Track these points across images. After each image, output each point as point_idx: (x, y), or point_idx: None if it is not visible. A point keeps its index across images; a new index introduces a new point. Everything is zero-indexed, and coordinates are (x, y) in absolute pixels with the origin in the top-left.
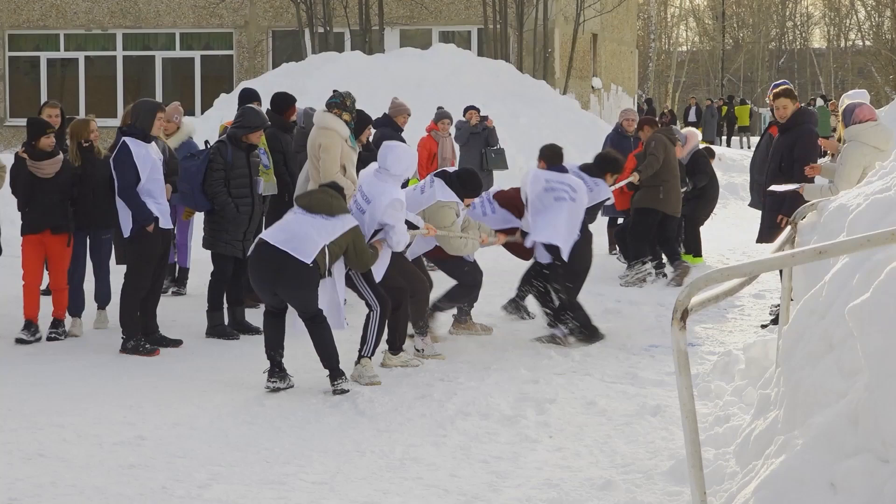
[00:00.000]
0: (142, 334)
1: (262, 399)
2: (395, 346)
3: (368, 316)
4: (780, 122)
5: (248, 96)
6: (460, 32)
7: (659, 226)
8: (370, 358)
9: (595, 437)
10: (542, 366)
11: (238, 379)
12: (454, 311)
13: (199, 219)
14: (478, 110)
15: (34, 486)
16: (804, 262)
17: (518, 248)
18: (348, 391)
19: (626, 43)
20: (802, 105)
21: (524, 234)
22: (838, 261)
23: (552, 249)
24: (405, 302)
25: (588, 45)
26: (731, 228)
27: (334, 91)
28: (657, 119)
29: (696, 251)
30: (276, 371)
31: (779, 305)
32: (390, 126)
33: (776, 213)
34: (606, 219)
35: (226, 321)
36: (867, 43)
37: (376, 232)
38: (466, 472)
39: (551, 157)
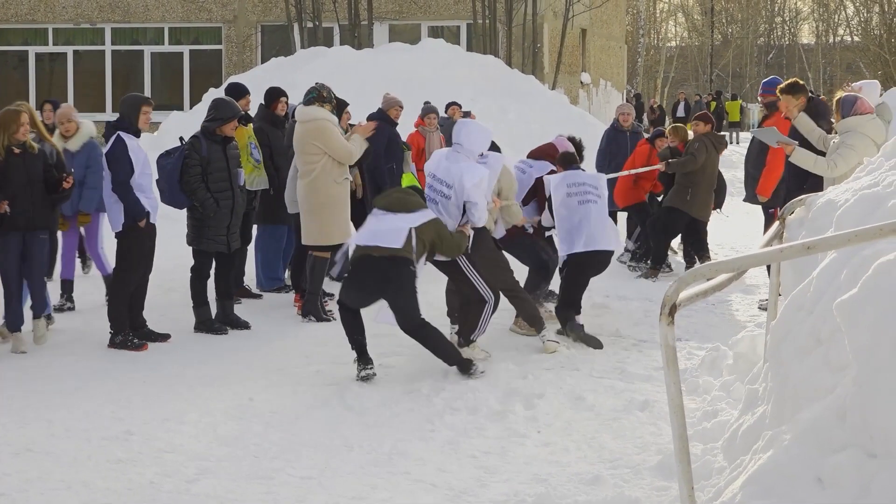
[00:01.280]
0: (130, 329)
1: (251, 394)
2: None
3: (483, 306)
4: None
5: (236, 91)
6: (449, 27)
7: (687, 228)
8: (476, 342)
9: (583, 432)
10: (531, 361)
11: (226, 374)
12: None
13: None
14: (459, 106)
15: (22, 480)
16: (792, 258)
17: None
18: (484, 372)
19: (615, 38)
20: (812, 96)
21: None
22: (826, 256)
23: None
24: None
25: (577, 41)
26: (720, 224)
27: (309, 89)
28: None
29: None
30: (366, 358)
31: (767, 300)
32: (385, 120)
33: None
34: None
35: (213, 315)
36: (856, 38)
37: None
38: (454, 466)
39: (566, 160)
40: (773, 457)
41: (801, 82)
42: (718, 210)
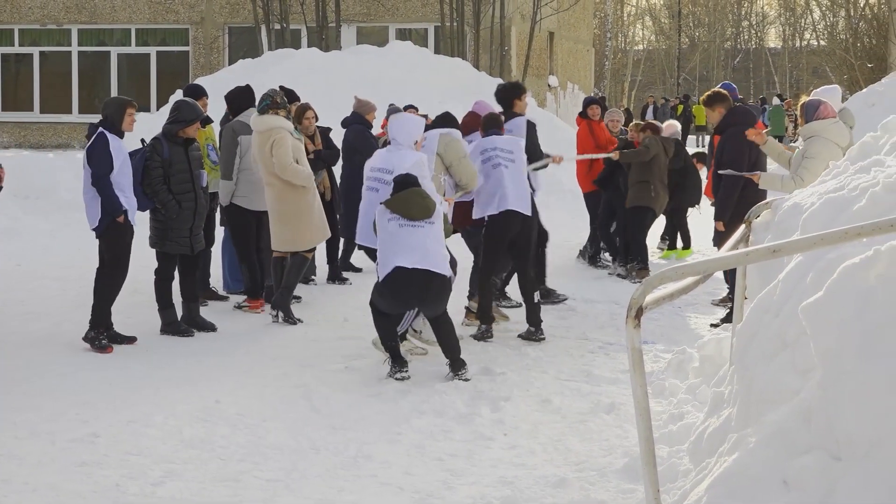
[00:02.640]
0: (105, 330)
1: (217, 396)
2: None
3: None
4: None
5: (194, 92)
6: (417, 30)
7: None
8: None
9: (549, 435)
10: (497, 363)
11: (193, 376)
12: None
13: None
14: (416, 109)
15: None
16: (758, 261)
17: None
18: (469, 380)
19: (582, 41)
20: (736, 105)
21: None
22: (792, 259)
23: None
24: None
25: (545, 44)
26: (697, 222)
27: (262, 96)
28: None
29: (686, 243)
30: (401, 361)
31: (726, 297)
32: (362, 123)
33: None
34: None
35: (179, 317)
36: (822, 43)
37: None
38: (421, 469)
39: (487, 124)
40: (738, 459)
41: (723, 92)
42: (696, 207)
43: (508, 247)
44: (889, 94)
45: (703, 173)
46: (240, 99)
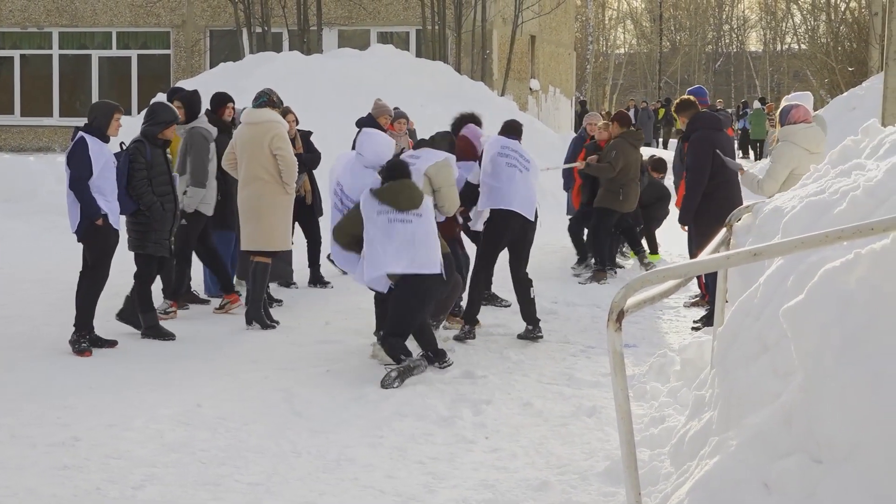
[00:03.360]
0: (87, 333)
1: (198, 400)
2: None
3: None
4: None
5: (220, 100)
6: (398, 33)
7: (617, 224)
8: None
9: (531, 438)
10: (479, 366)
11: (174, 379)
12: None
13: None
14: (407, 118)
15: None
16: (739, 264)
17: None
18: (452, 364)
19: (563, 45)
20: (703, 110)
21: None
22: (773, 263)
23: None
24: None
25: (526, 47)
26: (667, 230)
27: (258, 93)
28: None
29: (653, 248)
30: (441, 353)
31: (696, 296)
32: (374, 126)
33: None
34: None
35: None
36: (802, 46)
37: None
38: (402, 472)
39: (508, 130)
40: (719, 462)
41: (689, 99)
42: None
43: (509, 248)
44: (870, 98)
45: (669, 181)
46: (194, 103)
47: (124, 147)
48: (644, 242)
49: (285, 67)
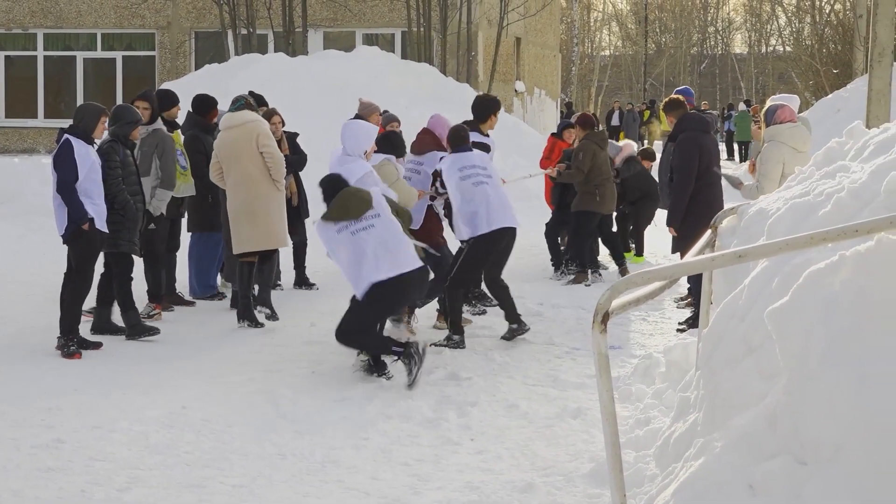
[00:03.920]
0: (73, 336)
1: (183, 402)
2: None
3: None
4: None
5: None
6: (384, 35)
7: (598, 227)
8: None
9: (516, 440)
10: (464, 368)
11: (159, 382)
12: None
13: None
14: (398, 122)
15: None
16: (724, 266)
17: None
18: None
19: (549, 47)
20: (692, 111)
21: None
22: (758, 264)
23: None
24: None
25: (511, 49)
26: (654, 231)
27: (235, 98)
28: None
29: (638, 250)
30: (382, 364)
31: (687, 296)
32: None
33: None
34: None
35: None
36: (787, 49)
37: None
38: (387, 474)
39: (456, 143)
40: (704, 464)
41: (678, 99)
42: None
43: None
44: (854, 100)
45: (655, 171)
46: (163, 105)
47: (96, 148)
48: (631, 242)
49: (270, 69)
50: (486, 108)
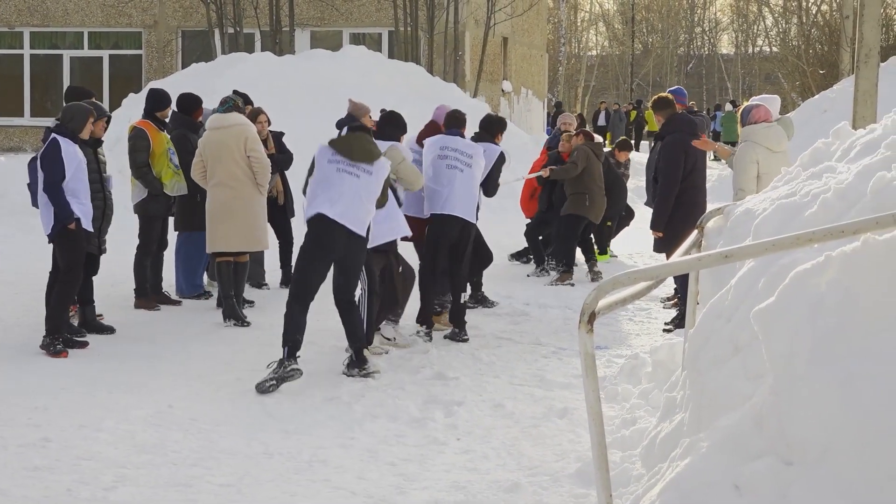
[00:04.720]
0: (60, 335)
1: (170, 401)
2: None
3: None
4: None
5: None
6: (371, 34)
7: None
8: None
9: (502, 440)
10: (451, 368)
11: (146, 381)
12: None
13: None
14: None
15: None
16: (710, 266)
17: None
18: (368, 377)
19: (536, 47)
20: (681, 111)
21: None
22: (744, 265)
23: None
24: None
25: (498, 49)
26: (638, 231)
27: (223, 98)
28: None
29: (601, 248)
30: (294, 358)
31: (674, 296)
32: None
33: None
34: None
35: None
36: (774, 49)
37: None
38: (374, 474)
39: (451, 123)
40: (690, 464)
41: (667, 98)
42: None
43: (449, 250)
44: (841, 101)
45: (640, 183)
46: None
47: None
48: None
49: (257, 68)
50: (493, 126)
